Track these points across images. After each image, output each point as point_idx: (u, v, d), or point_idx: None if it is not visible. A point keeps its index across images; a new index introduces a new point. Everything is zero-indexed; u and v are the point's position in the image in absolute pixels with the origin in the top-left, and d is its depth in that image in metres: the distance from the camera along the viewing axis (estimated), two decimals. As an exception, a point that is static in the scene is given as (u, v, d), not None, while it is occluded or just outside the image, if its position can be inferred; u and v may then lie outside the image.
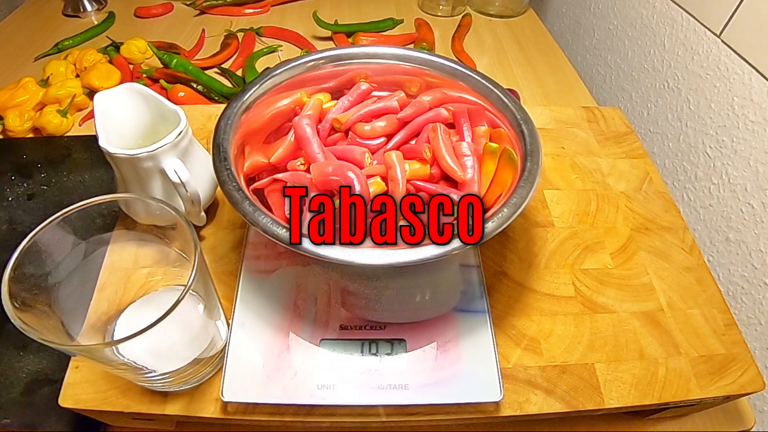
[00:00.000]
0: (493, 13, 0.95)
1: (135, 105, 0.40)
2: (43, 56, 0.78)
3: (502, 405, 0.36)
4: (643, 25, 0.72)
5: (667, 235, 0.47)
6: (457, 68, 0.42)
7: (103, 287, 0.41)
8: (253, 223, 0.31)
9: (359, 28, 0.86)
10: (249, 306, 0.38)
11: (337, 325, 0.37)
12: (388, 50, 0.44)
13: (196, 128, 0.53)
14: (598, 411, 0.36)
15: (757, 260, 0.52)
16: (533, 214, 0.48)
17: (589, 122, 0.57)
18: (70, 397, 0.35)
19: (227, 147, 0.35)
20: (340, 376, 0.35)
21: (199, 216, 0.40)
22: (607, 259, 0.44)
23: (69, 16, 0.89)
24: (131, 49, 0.76)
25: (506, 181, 0.37)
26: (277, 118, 0.43)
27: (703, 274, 0.44)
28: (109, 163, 0.38)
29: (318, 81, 0.44)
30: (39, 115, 0.64)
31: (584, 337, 0.39)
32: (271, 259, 0.41)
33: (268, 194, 0.39)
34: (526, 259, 0.44)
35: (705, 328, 0.40)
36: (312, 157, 0.39)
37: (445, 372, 0.35)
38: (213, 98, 0.70)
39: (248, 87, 0.39)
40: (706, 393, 0.37)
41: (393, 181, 0.37)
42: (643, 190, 0.51)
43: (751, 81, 0.53)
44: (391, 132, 0.42)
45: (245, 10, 0.91)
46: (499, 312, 0.40)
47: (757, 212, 0.52)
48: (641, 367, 0.38)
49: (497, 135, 0.40)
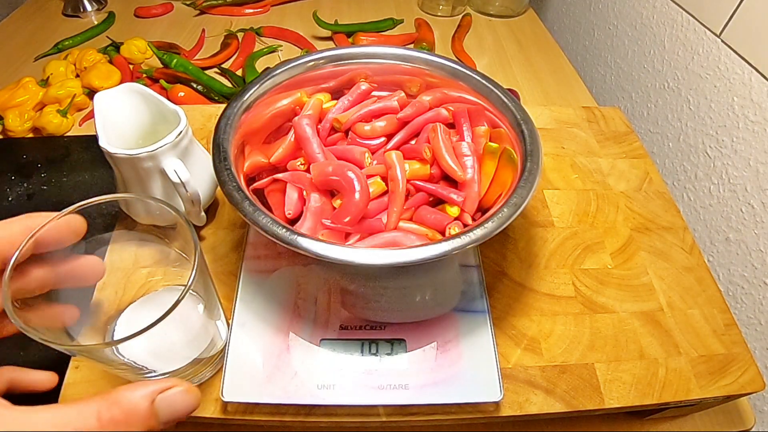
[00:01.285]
0: (493, 13, 0.95)
1: (135, 105, 0.40)
2: (43, 56, 0.78)
3: (502, 405, 0.36)
4: (643, 25, 0.72)
5: (667, 235, 0.47)
6: (457, 68, 0.42)
7: (104, 287, 0.41)
8: (253, 223, 0.31)
9: (359, 28, 0.86)
10: (249, 306, 0.38)
11: (337, 325, 0.37)
12: (388, 50, 0.44)
13: (196, 128, 0.53)
14: (598, 411, 0.36)
15: (757, 260, 0.52)
16: (533, 214, 0.48)
17: (589, 122, 0.57)
18: (70, 397, 0.35)
19: (227, 147, 0.35)
20: (340, 376, 0.35)
21: (199, 216, 0.40)
22: (607, 259, 0.44)
23: (69, 16, 0.89)
24: (131, 49, 0.76)
25: (506, 181, 0.37)
26: (277, 118, 0.43)
27: (703, 274, 0.44)
28: (109, 163, 0.38)
29: (318, 81, 0.44)
30: (39, 115, 0.64)
31: (584, 337, 0.39)
32: (271, 259, 0.41)
33: (268, 194, 0.39)
34: (526, 259, 0.44)
35: (705, 328, 0.40)
36: (312, 157, 0.39)
37: (445, 372, 0.35)
38: (213, 98, 0.70)
39: (248, 87, 0.39)
40: (706, 393, 0.37)
41: (393, 181, 0.37)
42: (643, 190, 0.51)
43: (751, 81, 0.53)
44: (391, 132, 0.42)
45: (245, 10, 0.91)
46: (499, 312, 0.40)
47: (757, 212, 0.52)
48: (641, 367, 0.38)
49: (497, 135, 0.40)
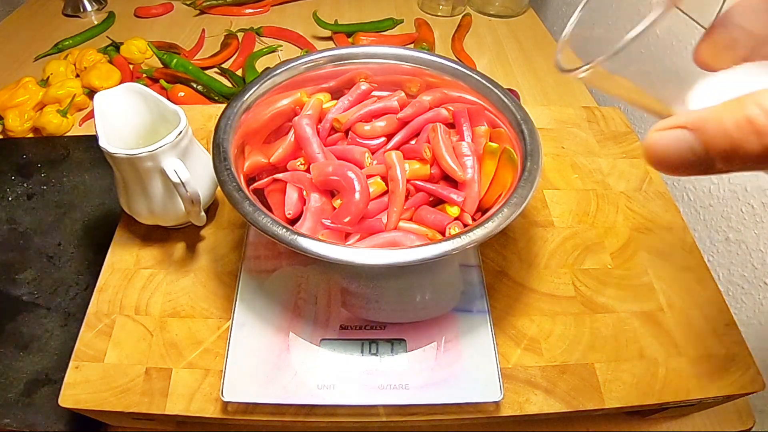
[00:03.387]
0: (493, 13, 0.95)
1: (135, 105, 0.40)
2: (43, 56, 0.78)
3: (502, 405, 0.36)
4: (643, 25, 0.72)
5: (667, 235, 0.47)
6: (457, 68, 0.42)
7: (104, 288, 0.41)
8: (253, 223, 0.31)
9: (359, 28, 0.86)
10: (249, 306, 0.38)
11: (337, 325, 0.37)
12: (388, 50, 0.44)
13: (196, 128, 0.53)
14: (598, 411, 0.36)
15: (757, 260, 0.52)
16: (533, 214, 0.48)
17: (589, 122, 0.57)
18: (70, 397, 0.35)
19: (227, 147, 0.35)
20: (340, 376, 0.35)
21: (199, 216, 0.40)
22: (607, 259, 0.44)
23: (69, 16, 0.89)
24: (131, 49, 0.76)
25: (506, 181, 0.37)
26: (277, 118, 0.43)
27: (703, 274, 0.44)
28: (109, 163, 0.38)
29: (318, 81, 0.44)
30: (39, 115, 0.64)
31: (584, 337, 0.39)
32: (271, 259, 0.41)
33: (268, 194, 0.39)
34: (526, 259, 0.44)
35: (705, 328, 0.40)
36: (312, 157, 0.39)
37: (445, 372, 0.35)
38: (213, 98, 0.70)
39: (248, 87, 0.39)
40: (706, 393, 0.37)
41: (393, 181, 0.37)
42: (643, 190, 0.51)
43: (751, 81, 0.52)
44: (391, 132, 0.42)
45: (245, 10, 0.91)
46: (499, 312, 0.40)
47: (757, 212, 0.52)
48: (641, 367, 0.38)
49: (497, 135, 0.40)
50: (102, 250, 0.43)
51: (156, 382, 0.36)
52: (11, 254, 0.51)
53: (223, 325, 0.39)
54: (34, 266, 0.50)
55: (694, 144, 0.15)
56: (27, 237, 0.52)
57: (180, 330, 0.38)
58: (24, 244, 0.51)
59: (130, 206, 0.41)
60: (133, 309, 0.39)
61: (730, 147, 0.14)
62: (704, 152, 0.15)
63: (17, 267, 0.49)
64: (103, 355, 0.37)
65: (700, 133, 0.15)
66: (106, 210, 0.55)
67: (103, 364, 0.36)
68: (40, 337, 0.44)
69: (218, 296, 0.40)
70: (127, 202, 0.41)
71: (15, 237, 0.52)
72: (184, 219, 0.41)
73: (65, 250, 0.51)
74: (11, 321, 0.45)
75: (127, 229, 0.44)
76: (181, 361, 0.37)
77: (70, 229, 0.53)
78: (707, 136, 0.15)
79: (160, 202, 0.39)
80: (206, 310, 0.39)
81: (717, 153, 0.15)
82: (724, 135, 0.14)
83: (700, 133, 0.15)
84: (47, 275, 0.49)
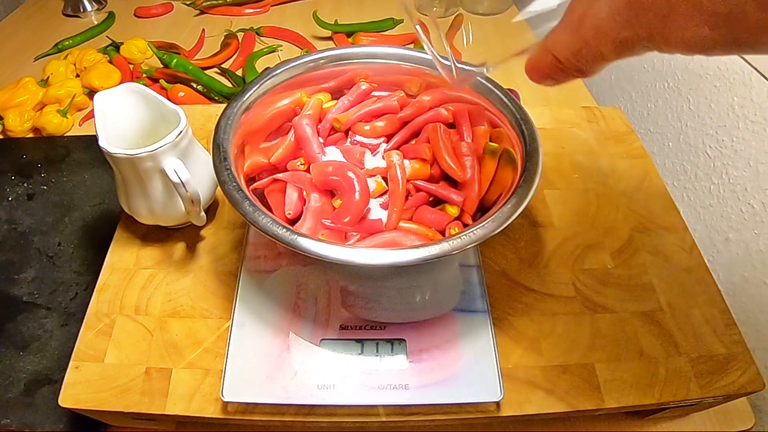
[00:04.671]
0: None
1: (135, 105, 0.40)
2: (43, 56, 0.78)
3: (502, 405, 0.36)
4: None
5: (667, 235, 0.47)
6: (457, 68, 0.42)
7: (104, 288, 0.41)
8: (253, 223, 0.31)
9: (359, 28, 0.86)
10: (249, 306, 0.38)
11: (337, 325, 0.37)
12: (388, 50, 0.44)
13: (196, 128, 0.53)
14: (598, 411, 0.36)
15: (757, 260, 0.52)
16: (533, 214, 0.47)
17: (589, 122, 0.57)
18: (70, 397, 0.35)
19: (227, 147, 0.35)
20: (341, 376, 0.35)
21: (199, 216, 0.40)
22: (607, 259, 0.44)
23: (69, 16, 0.89)
24: (131, 49, 0.76)
25: (506, 181, 0.37)
26: (277, 118, 0.43)
27: (703, 274, 0.44)
28: (109, 163, 0.38)
29: (318, 81, 0.44)
30: (39, 115, 0.64)
31: (584, 337, 0.39)
32: (271, 259, 0.41)
33: (268, 194, 0.39)
34: (526, 259, 0.44)
35: (705, 328, 0.40)
36: (312, 157, 0.39)
37: (445, 372, 0.35)
38: (213, 98, 0.70)
39: (248, 87, 0.39)
40: (706, 393, 0.37)
41: (393, 181, 0.37)
42: (643, 190, 0.50)
43: (751, 81, 0.53)
44: (391, 132, 0.42)
45: (245, 10, 0.91)
46: (499, 312, 0.40)
47: (757, 212, 0.52)
48: (641, 367, 0.38)
49: (497, 135, 0.40)
50: (102, 250, 0.43)
51: (156, 382, 0.36)
52: (11, 254, 0.51)
53: (223, 325, 0.39)
54: (34, 266, 0.50)
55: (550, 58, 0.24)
56: (27, 237, 0.52)
57: (180, 330, 0.38)
58: (24, 244, 0.52)
59: (130, 206, 0.41)
60: (133, 309, 0.39)
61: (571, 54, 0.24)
62: (556, 61, 0.24)
63: (17, 267, 0.49)
64: (103, 355, 0.37)
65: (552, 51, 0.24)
66: (106, 210, 0.55)
67: (103, 364, 0.36)
68: (40, 337, 0.44)
69: (218, 296, 0.40)
70: (127, 202, 0.41)
71: (15, 237, 0.52)
72: (184, 219, 0.41)
73: (65, 250, 0.51)
74: (11, 321, 0.45)
75: (127, 229, 0.44)
76: (181, 361, 0.37)
77: (70, 229, 0.53)
78: (555, 51, 0.24)
79: (160, 202, 0.39)
80: (206, 310, 0.39)
81: (563, 58, 0.24)
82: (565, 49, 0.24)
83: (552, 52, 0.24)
84: (47, 275, 0.49)
